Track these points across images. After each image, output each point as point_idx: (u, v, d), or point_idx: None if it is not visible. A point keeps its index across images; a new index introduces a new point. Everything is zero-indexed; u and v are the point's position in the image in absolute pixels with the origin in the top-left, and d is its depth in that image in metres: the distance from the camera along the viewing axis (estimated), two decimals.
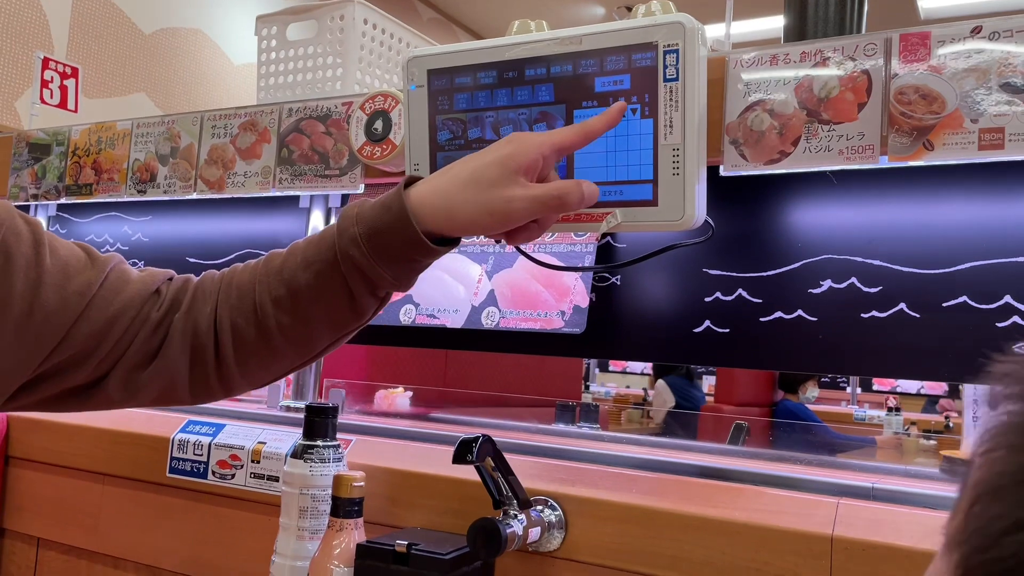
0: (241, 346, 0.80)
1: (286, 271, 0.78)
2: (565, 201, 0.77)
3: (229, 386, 0.83)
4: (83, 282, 0.76)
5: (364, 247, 0.75)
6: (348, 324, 0.81)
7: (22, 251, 0.73)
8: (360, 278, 0.76)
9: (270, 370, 0.83)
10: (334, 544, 0.99)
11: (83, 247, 0.80)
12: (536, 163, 0.77)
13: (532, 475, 1.04)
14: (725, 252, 1.14)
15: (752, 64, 0.98)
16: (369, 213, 0.77)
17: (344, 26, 1.40)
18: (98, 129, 1.60)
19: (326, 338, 0.81)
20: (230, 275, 0.83)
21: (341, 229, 0.77)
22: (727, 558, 0.91)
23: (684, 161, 0.81)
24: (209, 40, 4.52)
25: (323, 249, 0.77)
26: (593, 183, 0.81)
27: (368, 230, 0.76)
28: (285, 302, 0.78)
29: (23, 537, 1.48)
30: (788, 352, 1.10)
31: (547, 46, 0.86)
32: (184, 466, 1.30)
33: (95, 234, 1.82)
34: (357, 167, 1.28)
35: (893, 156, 0.90)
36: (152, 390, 0.80)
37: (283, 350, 0.81)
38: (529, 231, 0.81)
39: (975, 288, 0.99)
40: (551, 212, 0.79)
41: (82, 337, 0.75)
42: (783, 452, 1.16)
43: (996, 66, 0.85)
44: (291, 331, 0.79)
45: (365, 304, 0.79)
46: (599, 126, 0.80)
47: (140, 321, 0.78)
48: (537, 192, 0.76)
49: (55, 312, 0.74)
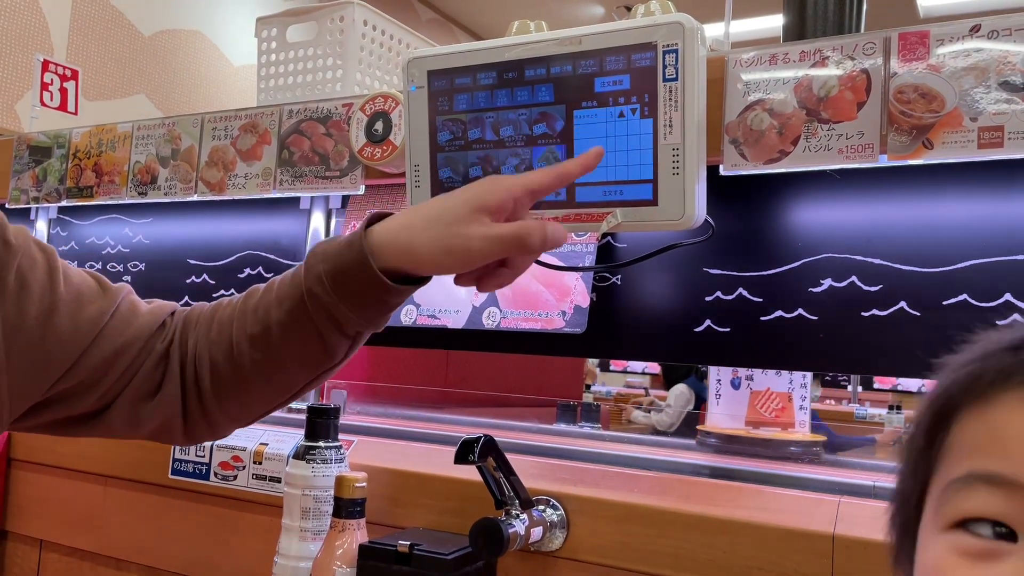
0: (218, 382, 0.79)
1: (260, 308, 0.77)
2: (526, 243, 0.74)
3: (212, 423, 0.81)
4: (95, 311, 0.77)
5: (328, 285, 0.74)
6: (322, 363, 0.79)
7: (37, 277, 0.74)
8: (326, 317, 0.75)
9: (249, 409, 0.82)
10: (336, 545, 0.99)
11: (94, 276, 0.80)
12: (505, 204, 0.75)
13: (534, 475, 1.04)
14: (725, 251, 1.15)
15: (751, 64, 0.98)
16: (334, 250, 0.75)
17: (344, 27, 1.40)
18: (99, 131, 1.60)
19: (301, 378, 0.80)
20: (213, 309, 0.82)
21: (308, 266, 0.76)
22: (729, 557, 0.91)
23: (684, 161, 0.81)
24: (209, 42, 4.52)
25: (293, 287, 0.76)
26: (559, 224, 0.78)
27: (331, 268, 0.74)
28: (258, 340, 0.77)
29: (26, 539, 1.48)
30: (789, 351, 1.10)
31: (547, 46, 0.86)
32: (186, 467, 1.30)
33: (96, 236, 1.82)
34: (358, 168, 1.28)
35: (892, 155, 0.90)
36: (153, 423, 0.79)
37: (259, 388, 0.79)
38: (499, 276, 0.79)
39: (975, 286, 0.99)
40: (512, 253, 0.76)
41: (91, 365, 0.76)
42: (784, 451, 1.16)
43: (995, 64, 0.86)
44: (265, 369, 0.78)
45: (335, 343, 0.77)
46: (575, 169, 0.80)
47: (146, 353, 0.79)
48: (497, 232, 0.73)
49: (67, 339, 0.74)
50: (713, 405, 1.27)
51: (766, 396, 1.24)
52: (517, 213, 0.77)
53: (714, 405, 1.27)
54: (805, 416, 1.23)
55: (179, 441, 0.82)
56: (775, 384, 1.24)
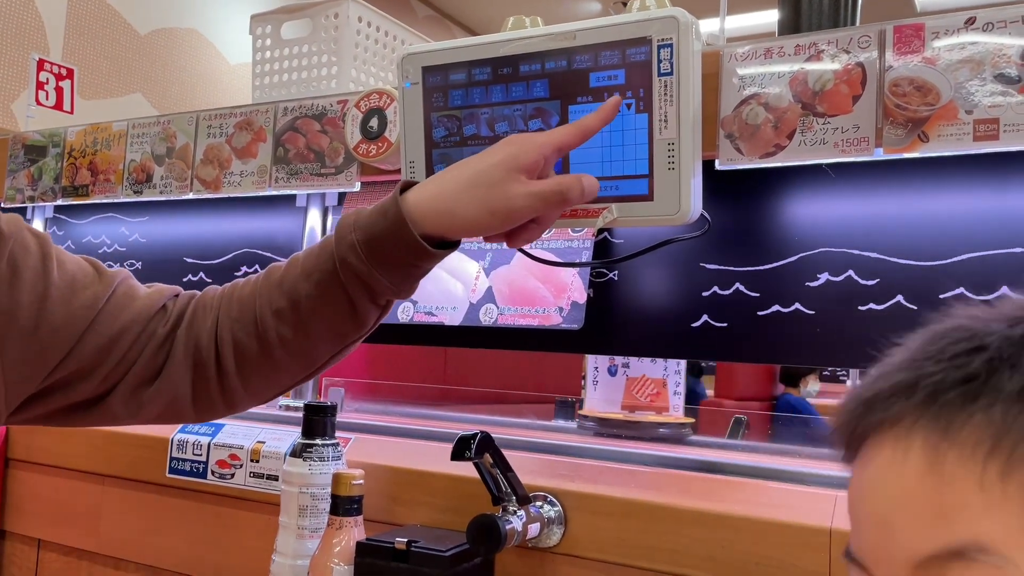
0: (243, 360, 0.79)
1: (286, 283, 0.78)
2: (566, 196, 0.77)
3: (232, 401, 0.82)
4: (90, 296, 0.76)
5: (362, 253, 0.75)
6: (350, 334, 0.80)
7: (30, 264, 0.74)
8: (360, 285, 0.76)
9: (273, 384, 0.83)
10: (334, 542, 0.99)
11: (91, 261, 0.80)
12: (538, 163, 0.77)
13: (531, 471, 1.04)
14: (722, 246, 1.14)
15: (747, 58, 0.98)
16: (366, 220, 0.76)
17: (339, 24, 1.40)
18: (94, 130, 1.60)
19: (328, 349, 0.81)
20: (231, 289, 0.82)
21: (339, 237, 0.77)
22: (727, 552, 0.91)
23: (679, 155, 0.81)
24: (204, 40, 4.51)
25: (322, 259, 0.77)
26: (593, 176, 0.81)
27: (366, 236, 0.75)
28: (286, 314, 0.77)
29: (24, 539, 1.48)
30: (786, 346, 1.10)
31: (541, 41, 0.86)
32: (183, 466, 1.30)
33: (92, 235, 1.82)
34: (353, 165, 1.28)
35: (888, 148, 0.90)
36: (156, 407, 0.79)
37: (285, 363, 0.80)
38: (529, 232, 0.81)
39: (972, 279, 0.99)
40: (553, 208, 0.79)
41: (88, 351, 0.75)
42: (782, 446, 1.16)
43: (990, 57, 0.85)
44: (293, 343, 0.78)
45: (366, 313, 0.78)
46: (595, 123, 0.80)
47: (146, 337, 0.78)
48: (538, 188, 0.76)
49: (62, 326, 0.74)
50: (591, 391, 1.37)
51: (641, 382, 1.33)
52: (544, 170, 0.80)
53: (591, 391, 1.36)
54: (679, 400, 1.32)
55: (189, 419, 0.83)
56: (651, 371, 1.33)
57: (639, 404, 1.31)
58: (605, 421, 1.30)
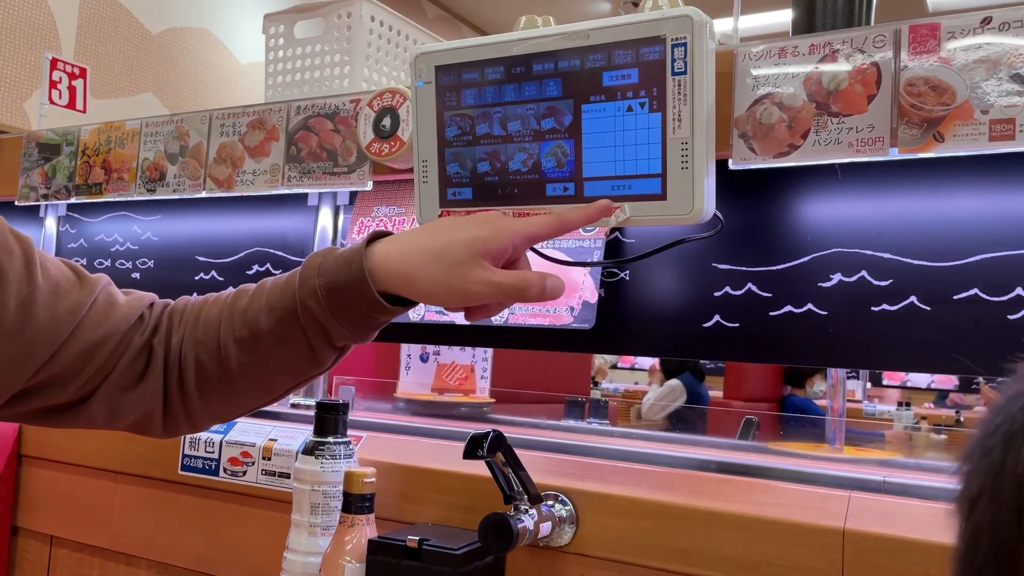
0: (204, 382, 0.80)
1: (250, 313, 0.78)
2: (524, 294, 0.76)
3: (194, 419, 0.82)
4: (73, 302, 0.77)
5: (323, 300, 0.75)
6: (307, 371, 0.81)
7: (14, 269, 0.74)
8: (318, 330, 0.76)
9: (230, 408, 0.83)
10: (346, 540, 0.99)
11: (71, 266, 0.80)
12: (505, 251, 0.77)
13: (543, 470, 1.04)
14: (734, 246, 1.14)
15: (761, 57, 0.97)
16: (331, 266, 0.76)
17: (351, 23, 1.40)
18: (107, 129, 1.61)
19: (286, 382, 0.81)
20: (199, 306, 0.82)
21: (303, 278, 0.77)
22: (739, 552, 0.91)
23: (693, 155, 0.81)
24: (216, 39, 4.53)
25: (285, 296, 0.77)
26: (559, 278, 0.79)
27: (327, 284, 0.76)
28: (246, 344, 0.78)
29: (36, 535, 1.49)
30: (798, 346, 1.10)
31: (554, 41, 0.86)
32: (196, 463, 1.30)
33: (105, 234, 1.83)
34: (365, 164, 1.28)
35: (903, 148, 0.90)
36: (133, 414, 0.80)
37: (243, 390, 0.81)
38: (487, 310, 0.81)
39: (986, 280, 0.99)
40: (509, 301, 0.79)
41: (70, 357, 0.76)
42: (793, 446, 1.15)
43: (1006, 57, 0.85)
44: (251, 372, 0.79)
45: (323, 355, 0.79)
46: (577, 219, 0.81)
47: (124, 345, 0.79)
48: (499, 278, 0.76)
49: (45, 331, 0.74)
50: (404, 375, 1.49)
51: (451, 368, 1.44)
52: (514, 256, 0.79)
53: (404, 375, 1.49)
54: (485, 384, 1.44)
55: (158, 434, 0.83)
56: (460, 358, 1.44)
57: (449, 387, 1.43)
58: (414, 402, 1.43)
